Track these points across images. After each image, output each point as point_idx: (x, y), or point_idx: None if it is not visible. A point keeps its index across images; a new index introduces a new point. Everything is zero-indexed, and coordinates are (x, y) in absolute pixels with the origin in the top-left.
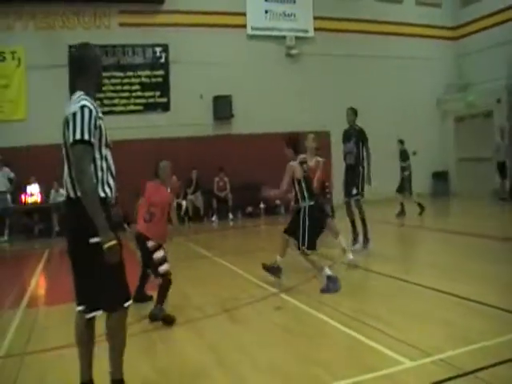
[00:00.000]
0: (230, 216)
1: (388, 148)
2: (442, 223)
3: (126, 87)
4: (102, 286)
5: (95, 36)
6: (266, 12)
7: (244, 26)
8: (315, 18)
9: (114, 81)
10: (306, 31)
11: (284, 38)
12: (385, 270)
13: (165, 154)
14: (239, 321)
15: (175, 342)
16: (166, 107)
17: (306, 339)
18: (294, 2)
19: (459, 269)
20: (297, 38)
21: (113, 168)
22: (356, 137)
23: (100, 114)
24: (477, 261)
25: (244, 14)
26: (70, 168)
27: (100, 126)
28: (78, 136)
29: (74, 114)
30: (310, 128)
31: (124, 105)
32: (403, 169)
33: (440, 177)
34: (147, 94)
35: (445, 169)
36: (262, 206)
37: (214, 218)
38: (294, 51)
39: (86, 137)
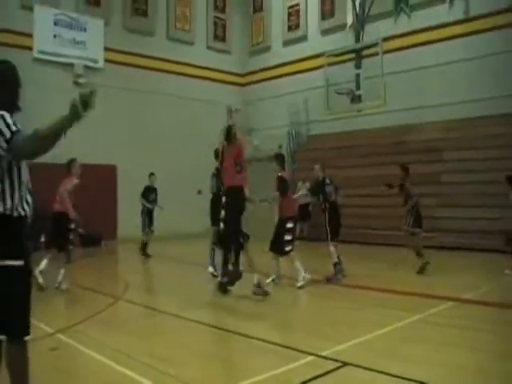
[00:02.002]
0: None
1: (173, 186)
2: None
3: None
4: (9, 310)
5: None
6: (55, 36)
7: (31, 48)
8: (106, 49)
9: None
10: (96, 61)
11: (72, 65)
12: (165, 307)
13: None
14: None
15: None
16: None
17: (80, 381)
18: (85, 30)
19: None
20: (86, 66)
21: (29, 184)
22: None
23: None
24: None
25: (31, 36)
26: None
27: None
28: (8, 133)
29: None
30: (95, 160)
31: None
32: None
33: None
34: None
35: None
36: None
37: None
38: (82, 80)
39: (15, 128)
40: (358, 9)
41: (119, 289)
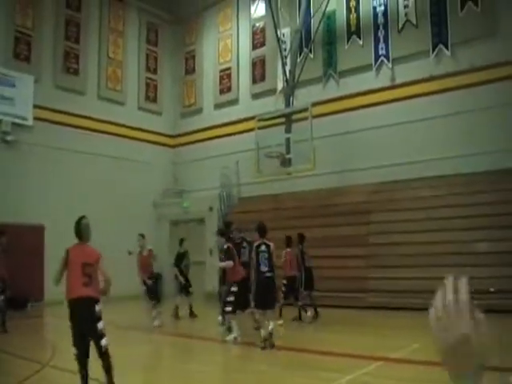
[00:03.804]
0: None
1: (103, 246)
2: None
3: None
4: None
5: None
6: None
7: None
8: (36, 107)
9: None
10: (25, 119)
11: (0, 121)
12: None
13: None
14: None
15: None
16: None
17: None
18: (14, 85)
19: None
20: (14, 124)
21: None
22: None
23: None
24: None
25: None
26: None
27: None
28: None
29: None
30: (22, 220)
31: None
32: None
33: (154, 278)
34: None
35: (159, 270)
36: None
37: None
38: (10, 137)
39: None
40: (288, 74)
41: (46, 354)
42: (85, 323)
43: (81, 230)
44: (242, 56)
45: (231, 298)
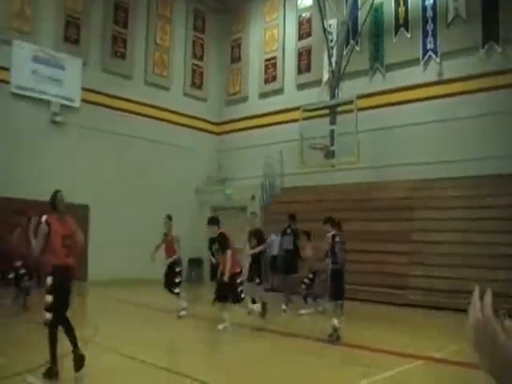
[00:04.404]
0: None
1: (147, 229)
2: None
3: None
4: None
5: None
6: (33, 72)
7: (7, 82)
8: (83, 89)
9: None
10: (72, 100)
11: (48, 102)
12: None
13: None
14: None
15: None
16: None
17: None
18: (64, 68)
19: None
20: (62, 105)
21: None
22: None
23: None
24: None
25: (8, 70)
26: None
27: None
28: None
29: None
30: (70, 200)
31: None
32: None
33: (195, 263)
34: None
35: (200, 256)
36: None
37: None
38: (58, 118)
39: None
40: (333, 66)
41: (87, 332)
42: (67, 292)
43: (56, 200)
44: (288, 46)
45: (241, 288)
